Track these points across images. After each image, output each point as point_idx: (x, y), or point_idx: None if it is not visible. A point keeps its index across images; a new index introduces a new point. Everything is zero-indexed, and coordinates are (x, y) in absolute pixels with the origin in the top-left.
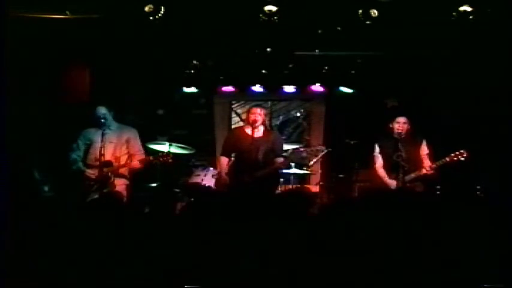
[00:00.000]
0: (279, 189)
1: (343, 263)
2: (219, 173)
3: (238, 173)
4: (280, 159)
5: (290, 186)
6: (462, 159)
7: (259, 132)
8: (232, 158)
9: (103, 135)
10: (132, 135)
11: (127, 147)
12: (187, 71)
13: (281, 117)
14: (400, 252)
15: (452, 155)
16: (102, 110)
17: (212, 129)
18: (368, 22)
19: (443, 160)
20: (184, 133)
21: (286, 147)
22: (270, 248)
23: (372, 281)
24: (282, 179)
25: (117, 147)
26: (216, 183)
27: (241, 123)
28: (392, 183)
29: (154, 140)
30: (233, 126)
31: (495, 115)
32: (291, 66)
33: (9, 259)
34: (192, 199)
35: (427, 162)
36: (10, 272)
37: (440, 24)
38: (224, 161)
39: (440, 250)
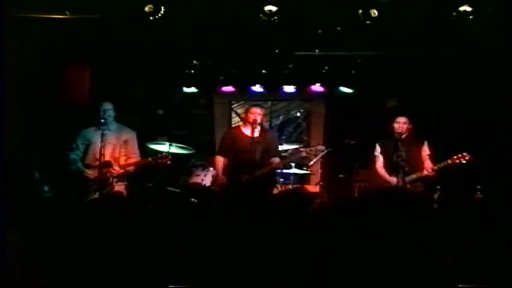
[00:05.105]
0: (278, 189)
1: (342, 262)
2: (216, 173)
3: (236, 172)
4: (277, 160)
5: (290, 186)
6: (464, 161)
7: (257, 132)
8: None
9: (103, 135)
10: (130, 137)
11: (125, 149)
12: (187, 71)
13: (281, 117)
14: (398, 251)
15: (454, 157)
16: (108, 106)
17: (212, 129)
18: (368, 22)
19: (445, 162)
20: (184, 133)
21: (286, 147)
22: (269, 248)
23: (368, 280)
24: (282, 179)
25: (115, 148)
26: (213, 183)
27: (240, 123)
28: (393, 180)
29: (154, 140)
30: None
31: (495, 115)
32: (291, 66)
33: (10, 259)
34: (193, 199)
35: (428, 164)
36: (11, 271)
37: (440, 24)
38: (220, 160)
39: (439, 250)
